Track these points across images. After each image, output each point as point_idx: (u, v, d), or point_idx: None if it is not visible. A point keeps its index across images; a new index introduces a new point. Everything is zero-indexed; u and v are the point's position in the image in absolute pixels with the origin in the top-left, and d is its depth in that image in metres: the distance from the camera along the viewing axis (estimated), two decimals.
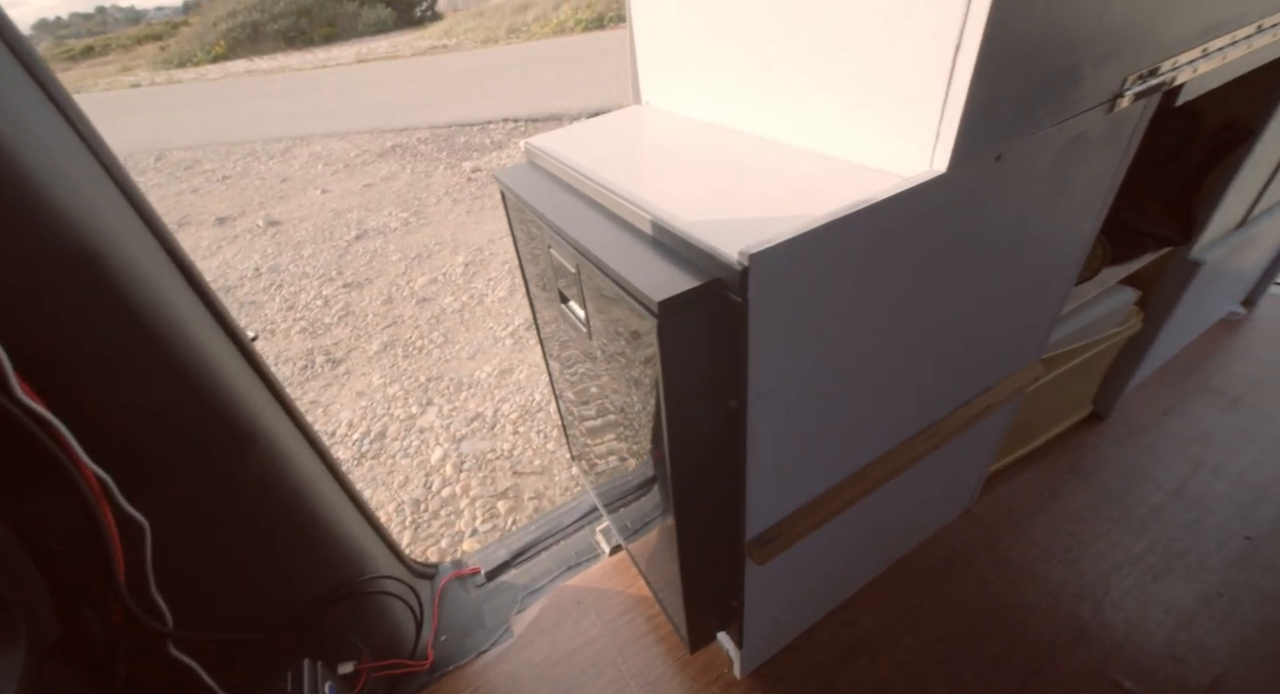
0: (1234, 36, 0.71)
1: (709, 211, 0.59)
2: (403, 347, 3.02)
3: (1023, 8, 0.49)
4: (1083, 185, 0.72)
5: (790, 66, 0.66)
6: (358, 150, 6.46)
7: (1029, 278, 0.78)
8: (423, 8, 19.50)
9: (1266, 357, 1.38)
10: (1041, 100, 0.58)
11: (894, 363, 0.69)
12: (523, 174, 0.84)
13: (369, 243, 4.20)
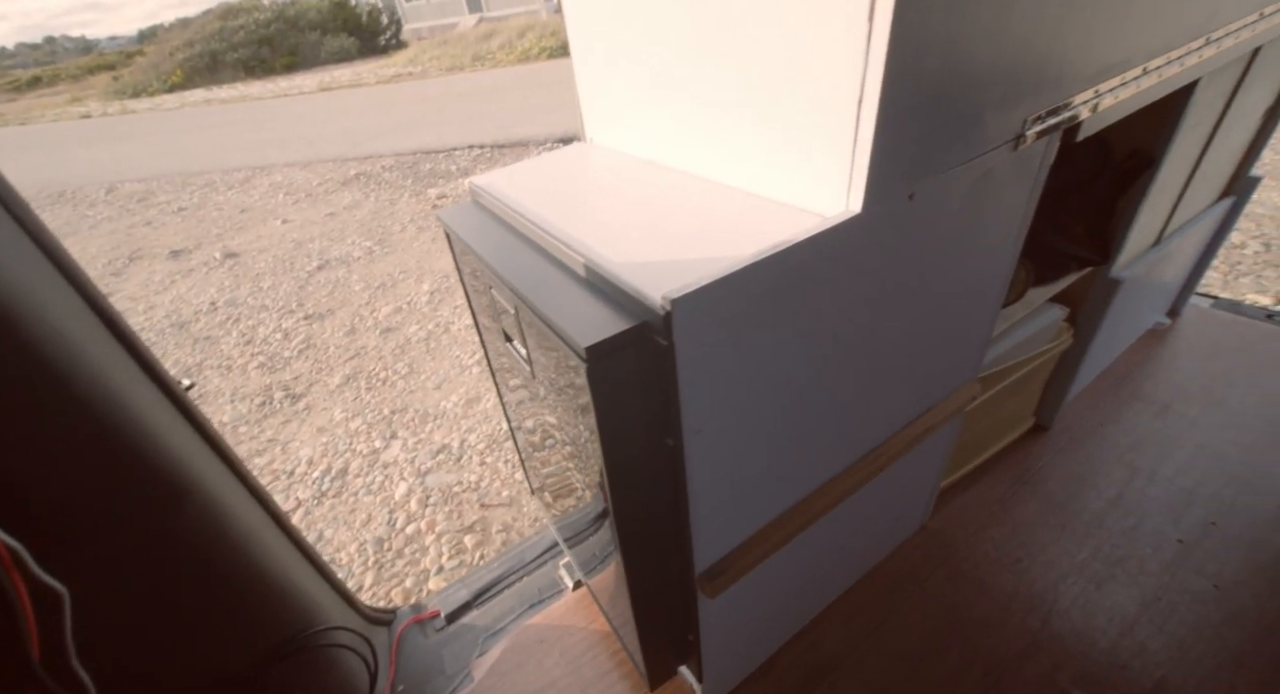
0: (1123, 78, 0.77)
1: (639, 253, 0.61)
2: (366, 379, 2.96)
3: (917, 63, 0.52)
4: (997, 216, 0.77)
5: (717, 110, 0.69)
6: (320, 179, 6.39)
7: (956, 304, 0.82)
8: (387, 36, 19.58)
9: (1190, 365, 1.46)
10: (948, 142, 0.62)
11: (829, 392, 0.72)
12: (466, 213, 0.85)
13: (331, 273, 4.13)
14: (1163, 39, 0.79)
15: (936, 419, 0.95)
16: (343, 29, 18.64)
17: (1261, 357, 1.45)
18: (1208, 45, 0.87)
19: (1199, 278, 1.56)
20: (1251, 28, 0.93)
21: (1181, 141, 1.05)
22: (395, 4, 22.28)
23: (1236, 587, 1.02)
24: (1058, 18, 0.62)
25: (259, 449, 2.53)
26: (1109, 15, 0.68)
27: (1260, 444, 1.25)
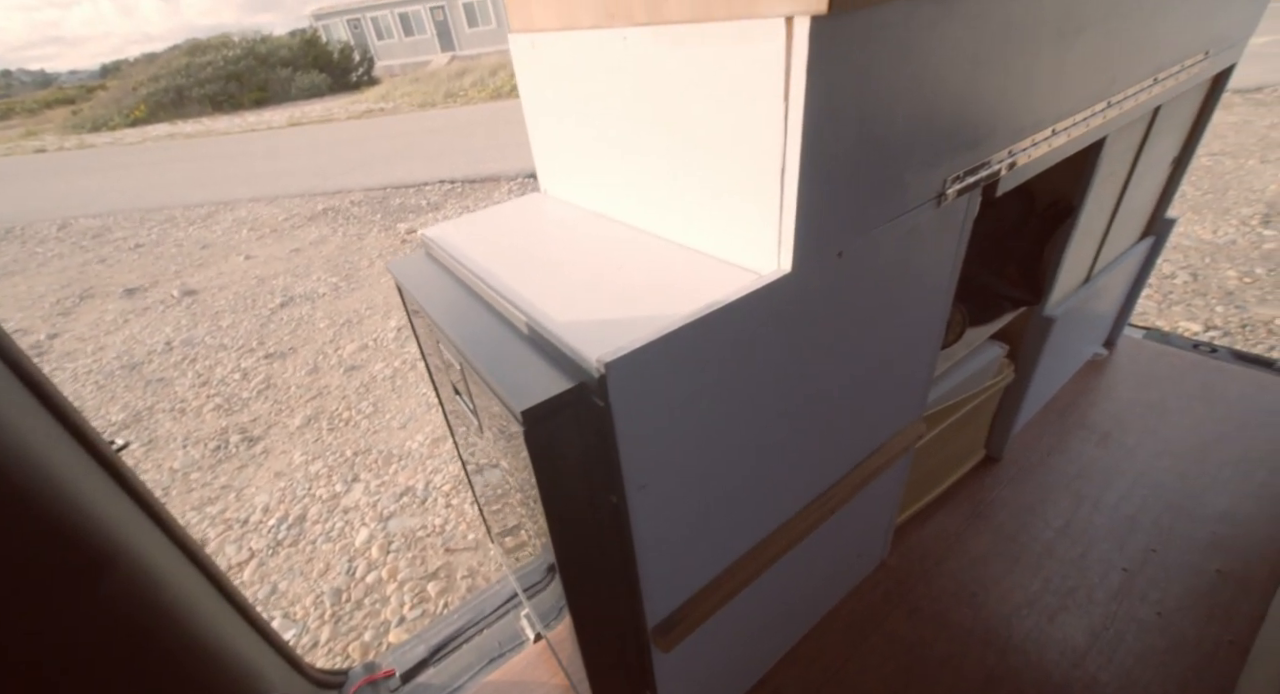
0: (1034, 139, 0.84)
1: (581, 311, 0.62)
2: (328, 419, 2.88)
3: (832, 137, 0.56)
4: (927, 267, 0.81)
5: (659, 171, 0.72)
6: (287, 214, 6.32)
7: (895, 349, 0.85)
8: (359, 73, 19.75)
9: (1126, 394, 1.53)
10: (872, 203, 0.66)
11: (774, 441, 0.73)
12: (417, 265, 0.85)
13: (295, 310, 4.05)
14: (1069, 103, 0.86)
15: (885, 459, 0.98)
16: (314, 66, 18.74)
17: (1189, 385, 1.53)
18: (1110, 107, 0.95)
19: (1130, 310, 1.66)
20: (1148, 90, 1.02)
21: (1097, 190, 1.13)
22: (368, 42, 22.58)
23: (1178, 613, 1.06)
24: (969, 89, 0.68)
25: (211, 497, 2.42)
26: (1018, 84, 0.74)
27: (1192, 472, 1.31)
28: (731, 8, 0.53)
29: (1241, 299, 2.57)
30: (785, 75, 0.52)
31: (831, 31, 0.49)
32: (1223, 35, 1.13)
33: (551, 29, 0.79)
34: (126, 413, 3.03)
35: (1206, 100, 1.33)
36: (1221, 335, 2.38)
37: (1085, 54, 0.82)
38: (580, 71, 0.78)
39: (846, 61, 0.52)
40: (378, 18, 22.59)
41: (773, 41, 0.51)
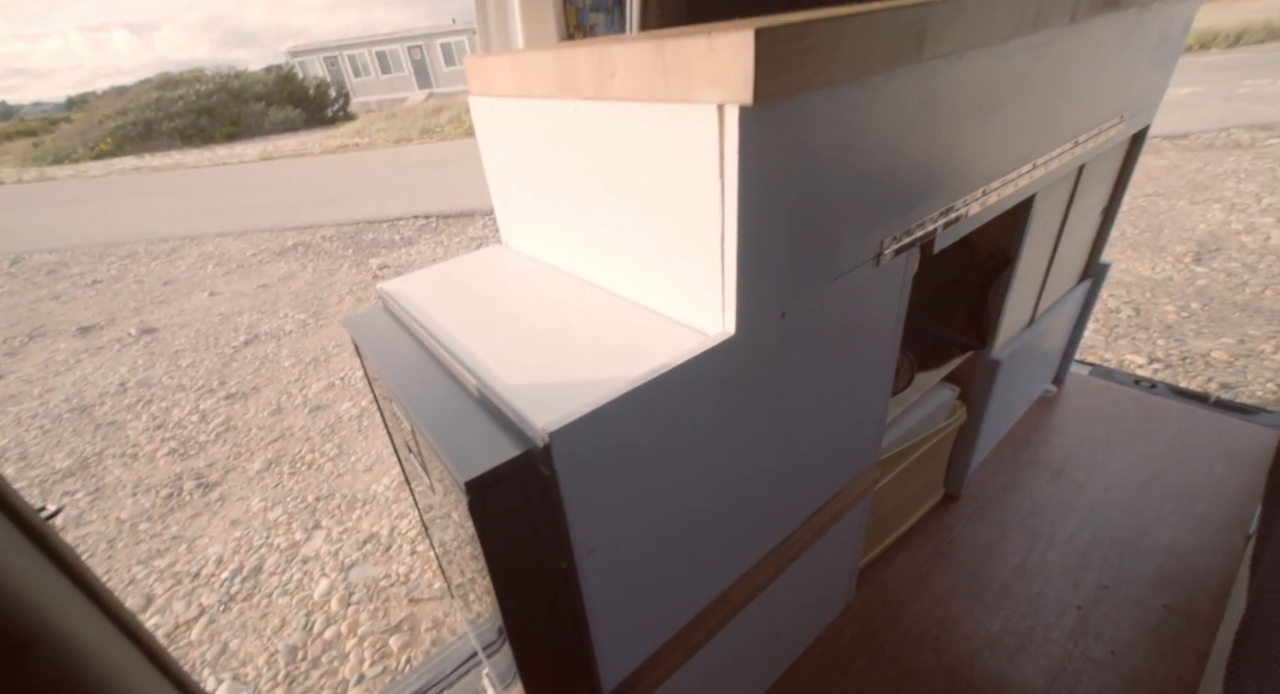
0: (966, 200, 0.89)
1: (532, 373, 0.63)
2: (290, 463, 2.79)
3: (768, 208, 0.59)
4: (871, 322, 0.85)
5: (613, 232, 0.75)
6: (255, 249, 6.23)
7: (845, 400, 0.88)
8: (335, 108, 19.87)
9: (1075, 430, 1.60)
10: (811, 267, 0.69)
11: (727, 496, 0.75)
12: (373, 321, 0.86)
13: (259, 348, 3.96)
14: (996, 167, 0.92)
15: (842, 505, 1.00)
16: (289, 101, 18.79)
17: (1132, 421, 1.60)
18: (1036, 168, 1.02)
19: (1075, 348, 1.74)
20: (1070, 152, 1.10)
21: (1033, 241, 1.21)
22: (344, 79, 22.82)
23: (1130, 650, 1.08)
24: (898, 160, 0.72)
25: (160, 549, 2.30)
26: (945, 153, 0.80)
27: (1137, 506, 1.36)
28: (669, 92, 0.57)
29: (1180, 333, 2.71)
30: (720, 156, 0.55)
31: (759, 118, 0.53)
32: (1134, 102, 1.24)
33: (509, 96, 0.83)
34: (72, 459, 2.89)
35: (1127, 156, 1.44)
36: (1164, 367, 2.51)
37: (1006, 124, 0.88)
38: (536, 135, 0.81)
39: (776, 143, 0.56)
40: (355, 56, 22.92)
41: (707, 126, 0.54)
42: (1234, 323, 2.71)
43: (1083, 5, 0.85)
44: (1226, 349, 2.54)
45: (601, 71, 0.63)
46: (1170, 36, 1.22)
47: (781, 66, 0.50)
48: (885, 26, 0.57)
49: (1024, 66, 0.84)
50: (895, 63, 0.61)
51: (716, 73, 0.51)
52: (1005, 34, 0.74)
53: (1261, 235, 3.43)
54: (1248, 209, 3.79)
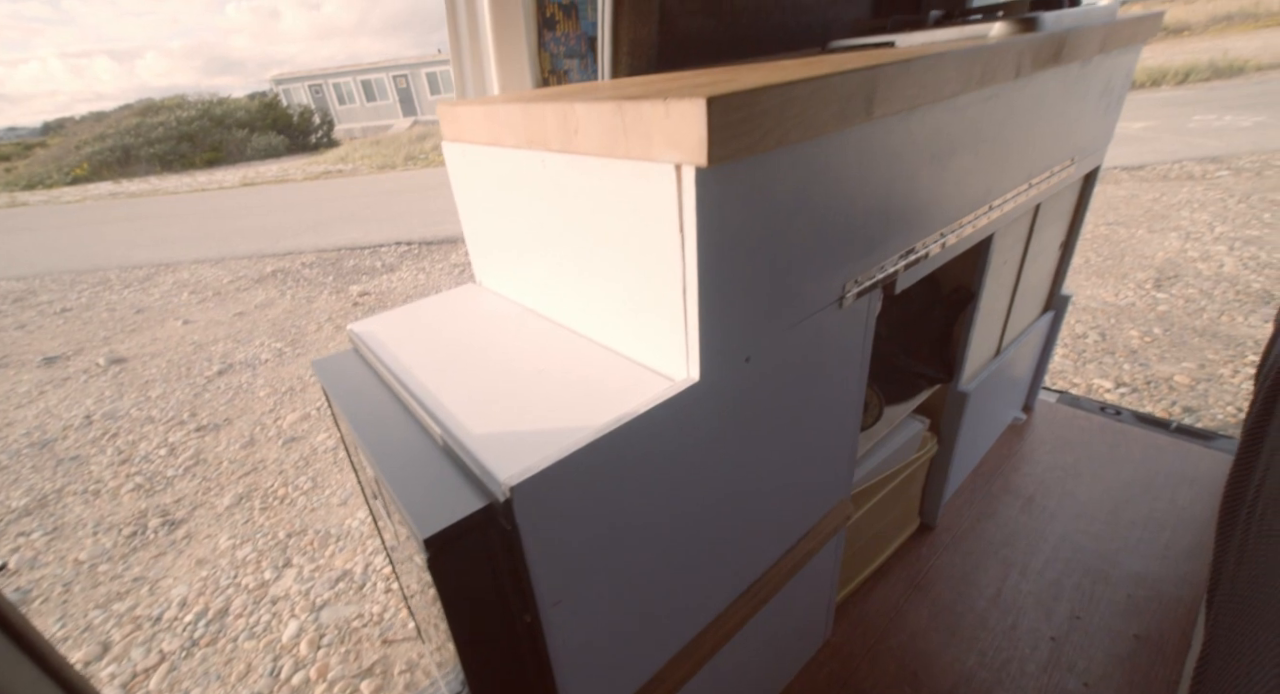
0: (925, 242, 0.93)
1: (498, 421, 0.64)
2: (261, 497, 2.71)
3: (728, 258, 0.61)
4: (836, 362, 0.87)
5: (583, 276, 0.76)
6: (232, 276, 6.16)
7: (814, 438, 0.89)
8: (318, 135, 19.94)
9: (1045, 458, 1.63)
10: (774, 312, 0.71)
11: (695, 541, 0.75)
12: (341, 364, 0.85)
13: (233, 378, 3.88)
14: (953, 210, 0.96)
15: (816, 541, 1.00)
16: (272, 128, 18.82)
17: (1099, 448, 1.64)
18: (992, 210, 1.07)
19: (1042, 377, 1.79)
20: (1025, 193, 1.15)
21: (994, 276, 1.25)
22: (329, 106, 22.98)
23: (1103, 683, 1.09)
24: (856, 208, 0.75)
25: (120, 592, 2.21)
26: (902, 200, 0.83)
27: (1106, 534, 1.39)
28: (630, 150, 0.59)
29: (1144, 357, 2.79)
30: (679, 211, 0.57)
31: (715, 177, 0.55)
32: (1084, 146, 1.30)
33: (479, 143, 0.85)
34: (30, 497, 2.78)
35: (1081, 194, 1.51)
36: (1131, 391, 2.58)
37: (961, 170, 0.92)
38: (506, 181, 0.83)
39: (732, 200, 0.58)
40: (340, 83, 23.14)
41: (666, 183, 0.56)
42: (1194, 347, 2.80)
43: (1025, 63, 0.90)
44: (1188, 373, 2.63)
45: (566, 127, 0.65)
46: (1112, 86, 1.29)
47: (733, 131, 0.52)
48: (834, 90, 0.60)
49: (974, 118, 0.88)
50: (846, 122, 0.64)
51: (673, 135, 0.53)
52: (953, 91, 0.78)
53: (1216, 263, 3.58)
54: (1202, 238, 3.97)
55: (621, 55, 1.06)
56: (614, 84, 0.96)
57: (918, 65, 0.69)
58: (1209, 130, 6.91)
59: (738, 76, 0.72)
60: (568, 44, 1.20)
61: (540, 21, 1.16)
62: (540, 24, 1.16)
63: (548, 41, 1.18)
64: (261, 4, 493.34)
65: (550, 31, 1.17)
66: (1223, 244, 3.82)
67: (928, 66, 0.71)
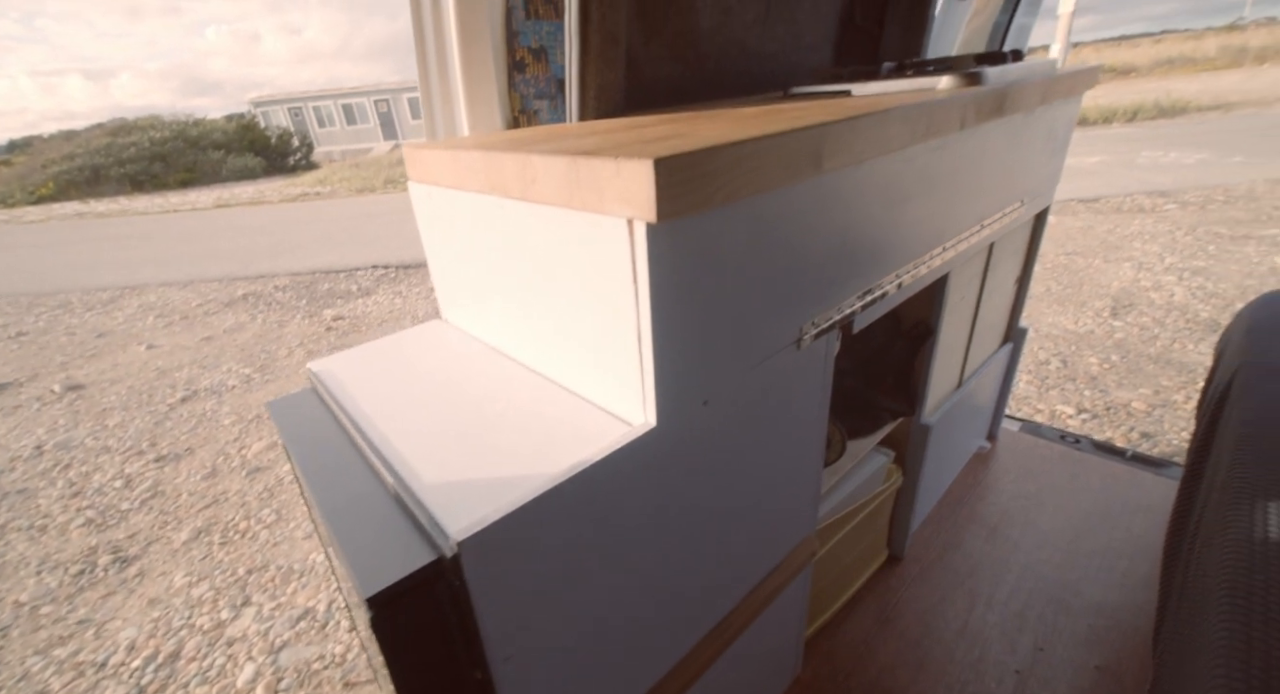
0: (881, 284, 0.96)
1: (453, 468, 0.63)
2: (222, 531, 2.61)
3: (682, 305, 0.62)
4: (795, 402, 0.88)
5: (544, 318, 0.77)
6: (201, 299, 6.02)
7: (776, 477, 0.90)
8: (296, 157, 19.83)
9: (1008, 487, 1.66)
10: (731, 357, 0.72)
11: (654, 585, 0.74)
12: (298, 405, 0.84)
13: (197, 405, 3.76)
14: (908, 252, 1.00)
15: (782, 579, 1.00)
16: (249, 150, 18.66)
17: (1059, 477, 1.68)
18: (946, 250, 1.11)
19: (1004, 406, 1.83)
20: (978, 234, 1.20)
21: (952, 312, 1.29)
22: (308, 129, 22.93)
23: None
24: (811, 256, 0.77)
25: (63, 636, 2.09)
26: (857, 245, 0.86)
27: (1067, 563, 1.42)
28: (585, 203, 0.60)
29: (1104, 384, 2.89)
30: (632, 263, 0.58)
31: (665, 232, 0.56)
32: (1032, 188, 1.37)
33: (444, 186, 0.86)
34: None
35: (1033, 232, 1.58)
36: (1091, 417, 2.65)
37: (914, 214, 0.96)
38: (470, 223, 0.84)
39: (684, 252, 0.60)
40: (320, 106, 23.16)
41: (619, 236, 0.58)
42: (1149, 374, 2.91)
43: (970, 115, 0.95)
44: (1144, 399, 2.72)
45: (525, 177, 0.67)
46: (1056, 133, 1.37)
47: (681, 189, 0.54)
48: (783, 148, 0.63)
49: (923, 167, 0.92)
50: (797, 177, 0.67)
51: (624, 192, 0.55)
52: (901, 144, 0.82)
53: (1167, 292, 3.75)
54: (1153, 268, 4.16)
55: (589, 99, 1.09)
56: (580, 127, 0.99)
57: (865, 121, 0.73)
58: (1157, 166, 7.30)
59: (695, 128, 0.75)
60: (537, 86, 1.23)
61: (510, 64, 1.19)
62: (510, 66, 1.19)
63: (518, 83, 1.21)
64: (242, 28, 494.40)
65: (520, 73, 1.20)
66: (1173, 274, 4.01)
67: (875, 122, 0.75)
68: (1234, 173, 6.50)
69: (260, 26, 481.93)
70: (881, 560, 1.47)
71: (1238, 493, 0.69)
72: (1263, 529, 0.64)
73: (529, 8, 1.16)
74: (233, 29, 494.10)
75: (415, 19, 1.08)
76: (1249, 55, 19.77)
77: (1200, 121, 10.36)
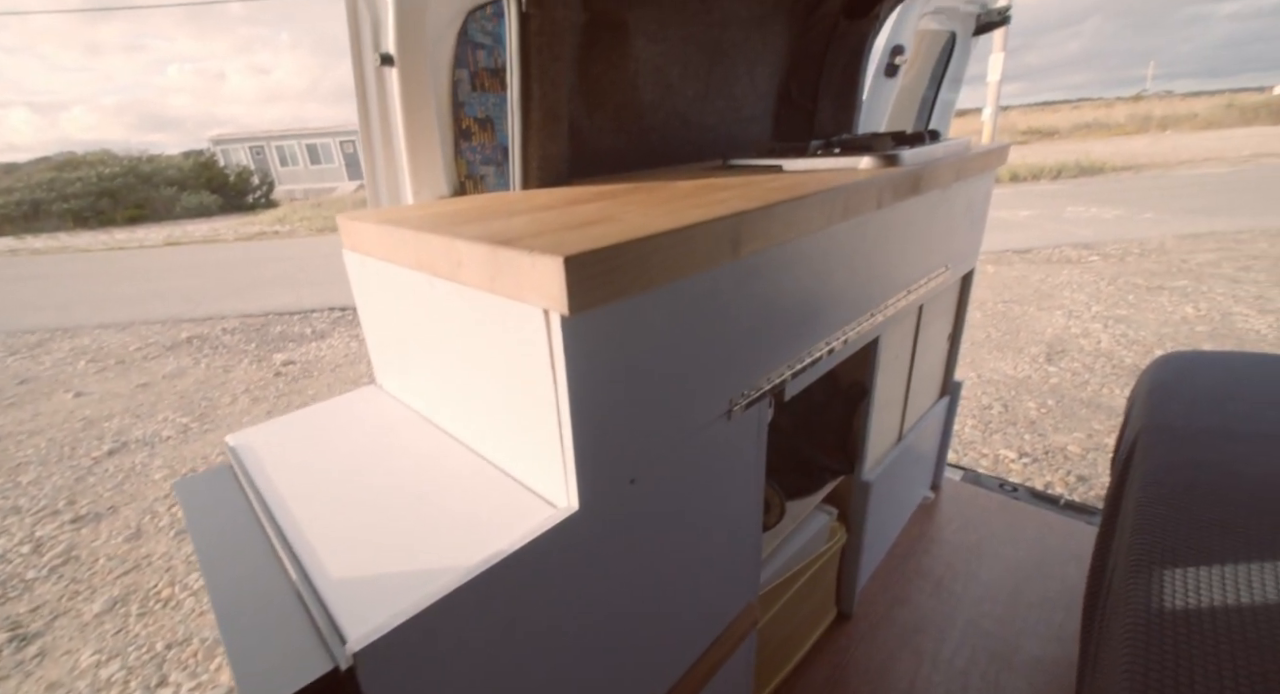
0: (810, 352, 0.99)
1: (364, 559, 0.61)
2: (141, 601, 2.40)
3: (603, 393, 0.63)
4: (729, 472, 0.89)
5: (473, 393, 0.76)
6: (141, 343, 5.73)
7: (711, 549, 0.90)
8: (256, 195, 19.50)
9: (951, 538, 1.69)
10: (657, 434, 0.73)
11: (585, 672, 0.72)
12: (207, 484, 0.80)
13: (126, 458, 3.52)
14: (836, 319, 1.04)
15: (724, 650, 0.98)
16: (205, 187, 18.26)
17: (999, 528, 1.73)
18: (875, 315, 1.16)
19: (945, 456, 1.89)
20: (905, 298, 1.26)
21: (886, 372, 1.34)
22: (270, 167, 22.67)
23: None
24: (736, 332, 0.80)
25: None
26: (783, 318, 0.89)
27: (1007, 617, 1.44)
28: (506, 290, 0.61)
29: (1042, 428, 3.02)
30: (549, 350, 0.59)
31: (582, 321, 0.58)
32: (955, 254, 1.46)
33: (377, 257, 0.86)
34: None
35: (961, 293, 1.67)
36: (1032, 461, 2.76)
37: (839, 286, 1.01)
38: (402, 296, 0.84)
39: (602, 338, 0.61)
40: (284, 146, 23.01)
41: (537, 324, 0.59)
42: (1082, 418, 3.06)
43: (886, 195, 1.02)
44: (1079, 443, 2.85)
45: (450, 259, 0.67)
46: (974, 205, 1.47)
47: (593, 283, 0.56)
48: (699, 239, 0.66)
49: (844, 243, 0.98)
50: (715, 262, 0.70)
51: (539, 284, 0.56)
52: (820, 226, 0.87)
53: (1094, 339, 4.00)
54: (1081, 315, 4.44)
55: (532, 169, 1.12)
56: (520, 198, 1.01)
57: (780, 209, 0.77)
58: (1081, 220, 7.92)
59: (626, 209, 0.78)
60: (483, 153, 1.26)
61: (457, 132, 1.22)
62: (457, 134, 1.22)
63: (464, 150, 1.24)
64: (208, 66, 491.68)
65: (466, 141, 1.23)
66: (1099, 322, 4.28)
67: (791, 209, 0.79)
68: (1146, 228, 7.10)
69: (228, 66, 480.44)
70: (831, 619, 1.46)
71: (1137, 562, 0.72)
72: (1159, 601, 0.67)
73: (475, 81, 1.20)
74: (198, 67, 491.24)
75: (359, 89, 1.10)
76: (1152, 122, 22.20)
77: (1115, 180, 11.38)
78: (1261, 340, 3.80)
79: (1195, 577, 0.70)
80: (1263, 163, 12.11)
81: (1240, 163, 12.39)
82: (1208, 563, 0.71)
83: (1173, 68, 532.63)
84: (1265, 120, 20.76)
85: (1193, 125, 21.35)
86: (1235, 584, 0.68)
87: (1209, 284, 4.93)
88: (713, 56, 1.43)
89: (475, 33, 1.16)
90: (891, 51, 1.85)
